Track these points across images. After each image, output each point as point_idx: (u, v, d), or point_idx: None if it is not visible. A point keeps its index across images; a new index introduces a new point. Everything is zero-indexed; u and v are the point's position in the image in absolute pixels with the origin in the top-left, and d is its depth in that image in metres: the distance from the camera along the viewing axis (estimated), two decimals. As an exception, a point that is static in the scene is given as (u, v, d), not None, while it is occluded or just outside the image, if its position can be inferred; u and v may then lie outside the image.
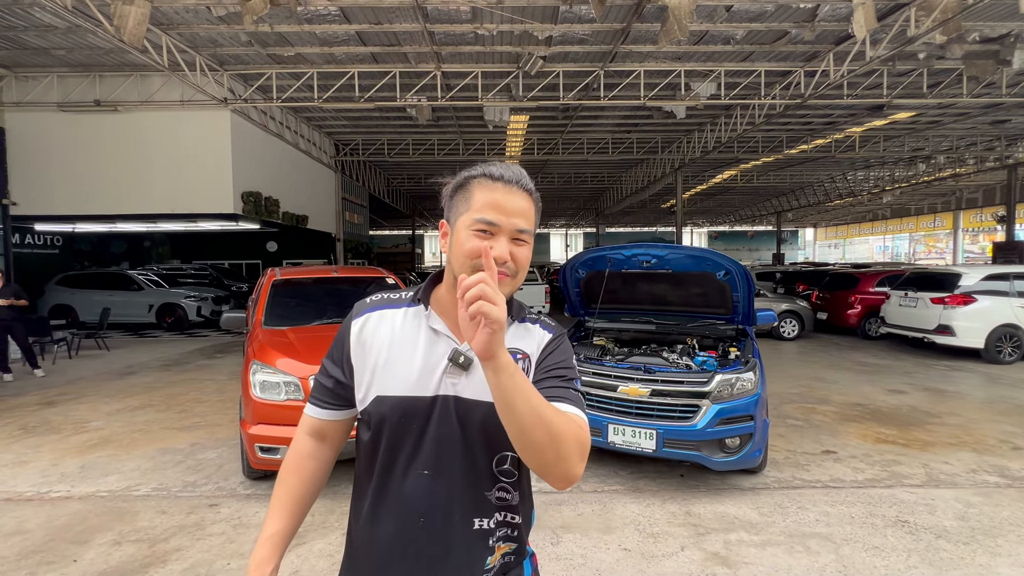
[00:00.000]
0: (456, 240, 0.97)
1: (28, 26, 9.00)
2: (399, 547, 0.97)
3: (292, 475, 1.07)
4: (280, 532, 1.03)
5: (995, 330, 8.46)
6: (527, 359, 1.01)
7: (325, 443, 1.10)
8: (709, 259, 4.45)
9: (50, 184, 11.36)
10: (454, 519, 0.96)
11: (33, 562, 3.00)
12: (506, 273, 0.94)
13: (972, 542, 3.15)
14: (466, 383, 0.97)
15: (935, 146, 19.61)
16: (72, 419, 5.77)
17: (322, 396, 1.07)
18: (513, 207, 0.96)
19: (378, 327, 1.03)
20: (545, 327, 1.07)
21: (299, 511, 1.06)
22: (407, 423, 0.97)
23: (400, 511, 0.96)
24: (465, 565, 0.97)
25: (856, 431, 5.18)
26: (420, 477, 0.96)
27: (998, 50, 10.09)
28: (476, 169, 0.99)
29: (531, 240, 1.00)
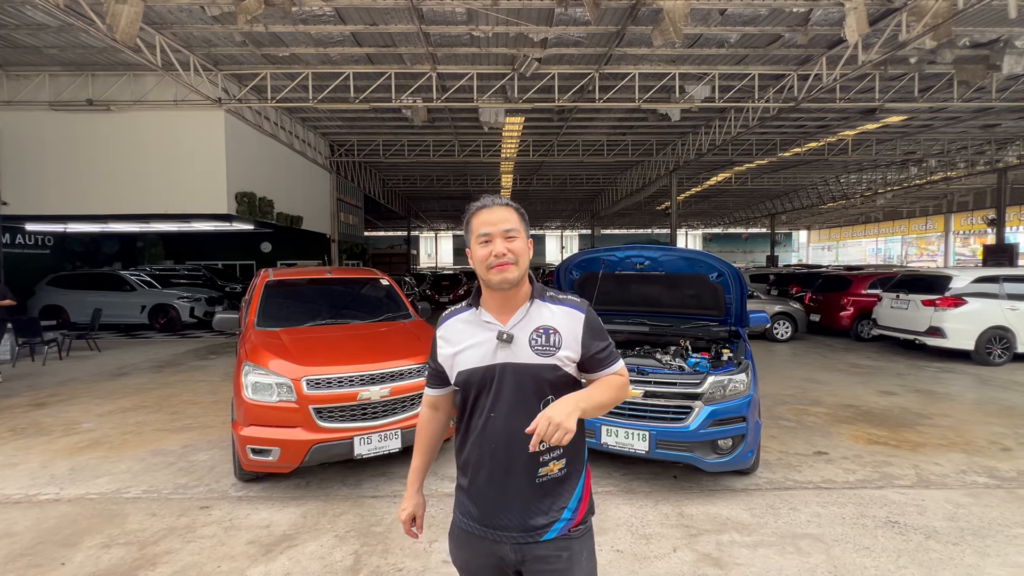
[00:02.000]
0: (473, 255, 1.43)
1: (20, 24, 8.93)
2: (482, 463, 1.43)
3: (423, 432, 1.64)
4: (421, 465, 1.63)
5: (985, 332, 8.53)
6: (557, 333, 1.42)
7: (438, 411, 1.63)
8: (702, 261, 4.47)
9: (41, 184, 11.26)
10: (514, 445, 1.38)
11: (21, 565, 2.97)
12: (509, 262, 1.37)
13: (961, 542, 3.17)
14: (514, 352, 1.40)
15: (927, 150, 19.79)
16: (62, 421, 5.72)
17: (430, 381, 1.59)
18: (496, 218, 1.40)
19: (452, 328, 1.51)
20: (571, 305, 1.47)
21: (430, 452, 1.64)
22: (479, 384, 1.42)
23: (479, 441, 1.44)
24: (524, 475, 1.41)
25: (848, 432, 5.21)
26: (489, 418, 1.41)
27: (988, 55, 10.20)
28: (469, 208, 1.45)
29: (521, 235, 1.41)
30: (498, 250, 1.36)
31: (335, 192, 18.85)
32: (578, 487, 1.46)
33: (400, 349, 4.25)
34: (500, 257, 1.36)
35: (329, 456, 3.76)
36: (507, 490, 1.41)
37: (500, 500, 1.41)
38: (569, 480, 1.44)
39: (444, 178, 24.42)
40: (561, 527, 1.41)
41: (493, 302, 1.44)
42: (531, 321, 1.42)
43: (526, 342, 1.40)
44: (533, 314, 1.43)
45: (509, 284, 1.38)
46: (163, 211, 11.48)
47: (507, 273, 1.37)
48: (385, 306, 5.33)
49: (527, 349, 1.39)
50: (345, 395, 3.78)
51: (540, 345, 1.39)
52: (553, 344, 1.40)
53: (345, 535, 3.29)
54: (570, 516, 1.43)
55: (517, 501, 1.40)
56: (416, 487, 1.60)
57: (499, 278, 1.37)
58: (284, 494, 3.88)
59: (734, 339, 4.54)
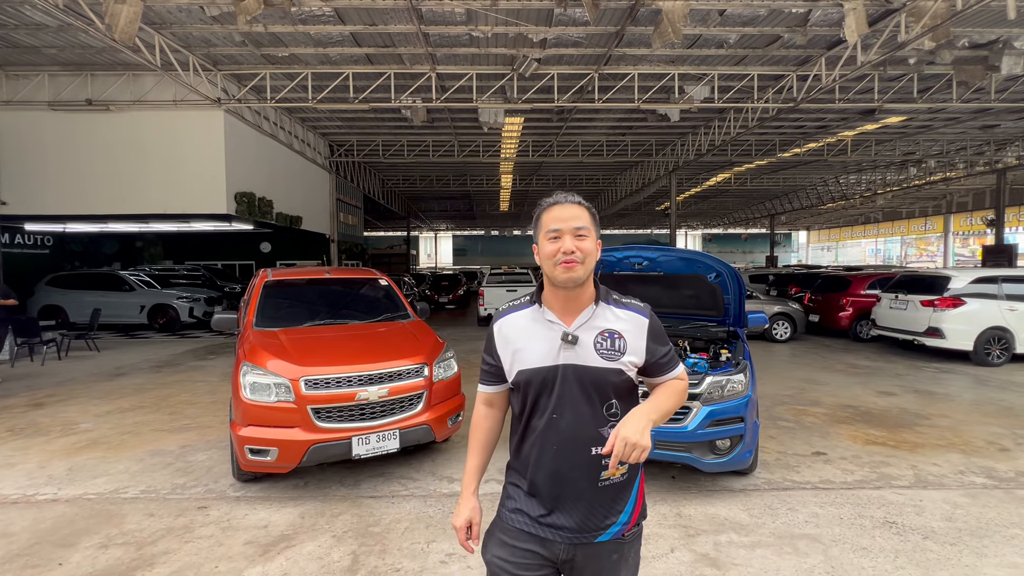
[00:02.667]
0: (540, 251, 1.42)
1: (19, 24, 8.93)
2: (542, 464, 1.41)
3: (477, 430, 1.59)
4: (476, 466, 1.56)
5: (984, 332, 8.53)
6: (622, 338, 1.41)
7: (494, 408, 1.59)
8: (700, 261, 4.47)
9: (41, 184, 11.26)
10: (577, 447, 1.39)
11: (18, 565, 2.97)
12: (576, 260, 1.35)
13: (959, 543, 3.17)
14: (578, 354, 1.39)
15: (926, 150, 19.80)
16: (61, 421, 5.71)
17: (486, 378, 1.56)
18: (569, 214, 1.38)
19: (511, 325, 1.48)
20: (636, 310, 1.47)
21: (486, 451, 1.58)
22: (540, 384, 1.40)
23: (539, 443, 1.42)
24: (586, 478, 1.40)
25: (846, 433, 5.21)
26: (551, 419, 1.40)
27: (987, 56, 10.20)
28: (541, 203, 1.44)
29: (591, 235, 1.40)
30: (567, 247, 1.35)
31: (334, 192, 18.85)
32: (634, 491, 1.47)
33: (398, 349, 4.25)
34: (568, 255, 1.34)
35: (327, 456, 3.76)
36: (567, 491, 1.40)
37: (560, 500, 1.41)
38: (628, 484, 1.45)
39: (444, 178, 24.42)
40: (617, 530, 1.43)
41: (556, 301, 1.43)
42: (596, 324, 1.42)
43: (591, 345, 1.39)
44: (598, 317, 1.42)
45: (574, 283, 1.37)
46: (162, 211, 11.48)
47: (573, 272, 1.35)
48: (384, 306, 5.33)
49: (592, 352, 1.39)
50: (343, 395, 3.78)
51: (606, 349, 1.39)
52: (618, 348, 1.40)
53: (343, 535, 3.29)
54: (626, 519, 1.44)
55: (577, 503, 1.40)
56: (472, 489, 1.54)
57: (565, 276, 1.35)
58: (282, 494, 3.87)
59: (732, 339, 4.54)
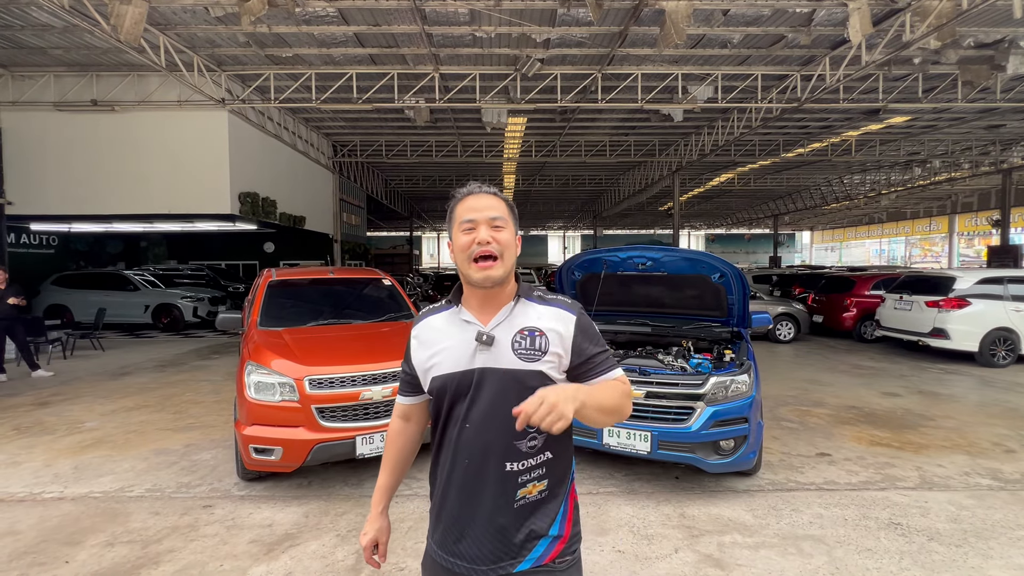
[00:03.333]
0: (454, 245, 1.29)
1: (25, 25, 8.98)
2: (452, 480, 1.28)
3: (391, 446, 1.47)
4: (387, 484, 1.45)
5: (989, 333, 8.49)
6: (543, 336, 1.26)
7: (411, 422, 1.47)
8: (704, 261, 4.46)
9: (46, 184, 11.32)
10: (489, 461, 1.25)
11: (25, 563, 2.99)
12: (492, 252, 1.22)
13: (964, 544, 3.16)
14: (496, 356, 1.25)
15: (931, 150, 19.72)
16: (66, 420, 5.74)
17: (403, 388, 1.44)
18: (483, 204, 1.26)
19: (427, 328, 1.36)
20: (560, 306, 1.32)
21: (399, 469, 1.47)
22: (455, 391, 1.27)
23: (451, 455, 1.28)
24: (500, 496, 1.25)
25: (851, 434, 5.20)
26: (464, 430, 1.26)
27: (992, 55, 10.15)
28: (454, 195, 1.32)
29: (508, 226, 1.27)
30: (482, 237, 1.21)
31: (338, 192, 18.90)
32: (560, 510, 1.30)
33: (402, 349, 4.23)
34: (483, 245, 1.21)
35: (331, 456, 3.77)
36: (479, 513, 1.25)
37: (471, 524, 1.25)
38: (550, 503, 1.29)
39: (447, 178, 24.44)
40: (538, 555, 1.26)
41: (474, 300, 1.30)
42: (515, 322, 1.27)
43: (508, 345, 1.25)
44: (518, 314, 1.28)
45: (491, 281, 1.23)
46: (167, 211, 11.52)
47: (491, 271, 1.22)
48: (387, 306, 5.34)
49: (509, 353, 1.24)
50: (347, 395, 3.79)
51: (524, 348, 1.24)
52: (539, 348, 1.25)
53: (347, 535, 3.30)
54: (549, 544, 1.27)
55: (490, 526, 1.24)
56: (380, 508, 1.43)
57: (481, 275, 1.22)
58: (286, 493, 3.89)
59: (736, 340, 4.54)
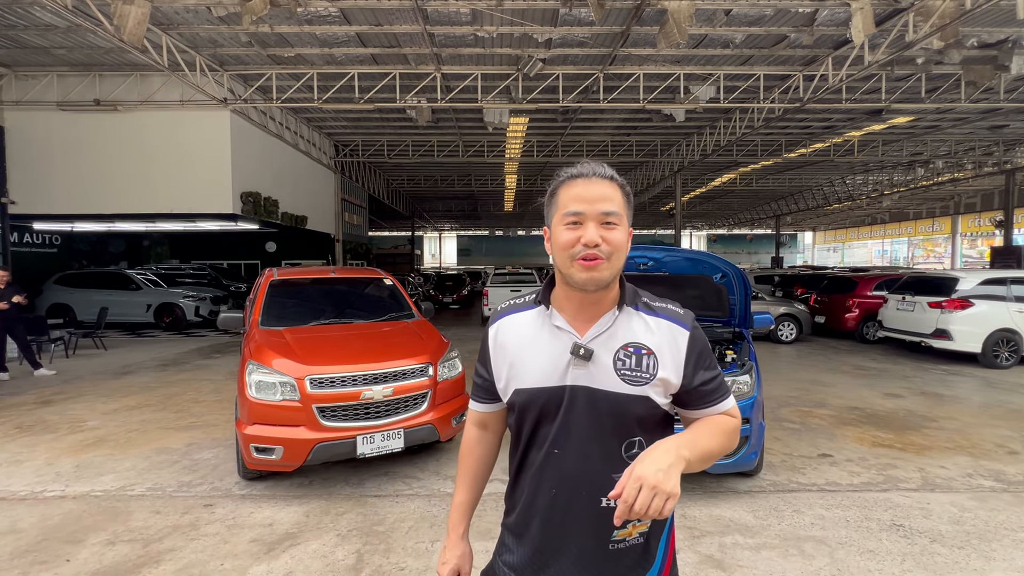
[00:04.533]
0: (554, 238, 1.07)
1: (28, 25, 9.01)
2: (535, 510, 1.10)
3: (467, 457, 1.29)
4: (465, 502, 1.27)
5: (992, 334, 8.46)
6: (651, 355, 1.07)
7: (488, 430, 1.29)
8: (706, 262, 4.45)
9: (49, 183, 11.35)
10: (581, 494, 1.07)
11: (26, 561, 2.99)
12: (601, 256, 1.02)
13: (967, 546, 3.15)
14: (594, 374, 1.06)
15: (933, 151, 19.67)
16: (68, 418, 5.76)
17: (478, 393, 1.25)
18: (595, 194, 1.03)
19: (510, 329, 1.16)
20: (673, 318, 1.13)
21: (478, 484, 1.29)
22: (541, 409, 1.09)
23: (536, 482, 1.10)
24: (592, 536, 1.07)
25: (853, 435, 5.18)
26: (551, 455, 1.08)
27: (996, 55, 10.12)
28: (560, 174, 1.09)
29: (622, 222, 1.05)
30: (590, 238, 1.00)
31: (339, 192, 18.91)
32: (660, 553, 1.13)
33: (403, 349, 4.26)
34: (591, 247, 1.01)
35: (332, 455, 3.77)
36: (568, 549, 1.08)
37: (557, 559, 1.08)
38: (651, 547, 1.11)
39: (448, 178, 24.46)
40: None
41: (569, 303, 1.10)
42: (618, 334, 1.08)
43: (610, 363, 1.06)
44: (621, 325, 1.09)
45: (596, 286, 1.04)
46: (169, 211, 11.55)
47: (597, 272, 1.02)
48: (388, 306, 5.34)
49: (611, 372, 1.05)
50: (348, 394, 3.79)
51: (628, 368, 1.06)
52: (646, 369, 1.06)
53: (347, 534, 3.30)
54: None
55: (579, 565, 1.07)
56: (460, 532, 1.24)
57: (585, 276, 1.02)
58: (287, 493, 3.89)
59: (738, 340, 4.53)
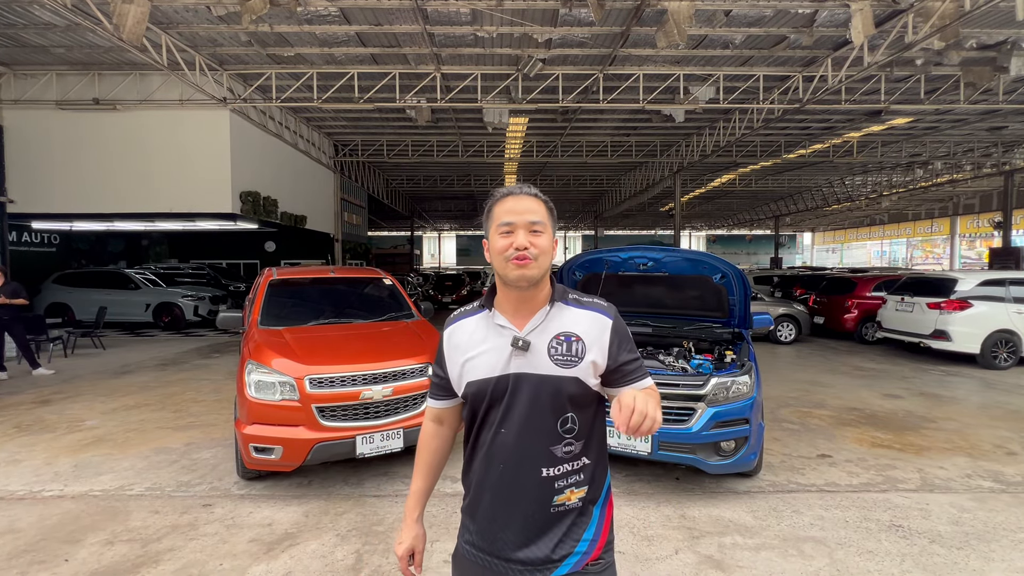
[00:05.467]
0: (492, 245, 1.27)
1: (27, 24, 8.99)
2: (486, 486, 1.29)
3: (424, 450, 1.46)
4: (421, 490, 1.44)
5: (991, 335, 8.47)
6: (580, 341, 1.27)
7: (443, 425, 1.46)
8: (705, 262, 4.46)
9: (48, 182, 11.33)
10: (525, 467, 1.25)
11: (24, 561, 2.99)
12: (528, 257, 1.21)
13: (966, 547, 3.15)
14: (532, 361, 1.25)
15: (932, 152, 19.69)
16: (67, 418, 5.75)
17: (435, 392, 1.42)
18: (523, 208, 1.24)
19: (460, 332, 1.34)
20: (597, 309, 1.32)
21: (433, 474, 1.46)
22: (490, 396, 1.27)
23: (486, 460, 1.29)
24: (535, 502, 1.26)
25: (852, 435, 5.19)
26: (499, 435, 1.26)
27: (995, 57, 10.14)
28: (493, 194, 1.30)
29: (547, 230, 1.26)
30: (520, 243, 1.21)
31: (339, 192, 18.90)
32: (595, 517, 1.31)
33: (402, 348, 4.26)
34: (521, 250, 1.21)
35: (331, 455, 3.76)
36: (514, 517, 1.26)
37: (507, 527, 1.26)
38: (587, 510, 1.30)
39: (448, 178, 24.45)
40: (576, 560, 1.27)
41: (508, 303, 1.29)
42: (551, 326, 1.27)
43: (545, 350, 1.25)
44: (553, 318, 1.28)
45: (528, 282, 1.22)
46: (168, 210, 11.53)
47: (527, 269, 1.21)
48: (388, 306, 5.34)
49: (546, 358, 1.24)
50: (347, 394, 3.79)
51: (561, 354, 1.25)
52: (576, 354, 1.25)
53: (347, 534, 3.29)
54: (586, 549, 1.28)
55: (525, 530, 1.25)
56: (415, 516, 1.41)
57: (517, 273, 1.21)
58: (286, 493, 3.88)
59: (737, 341, 4.53)
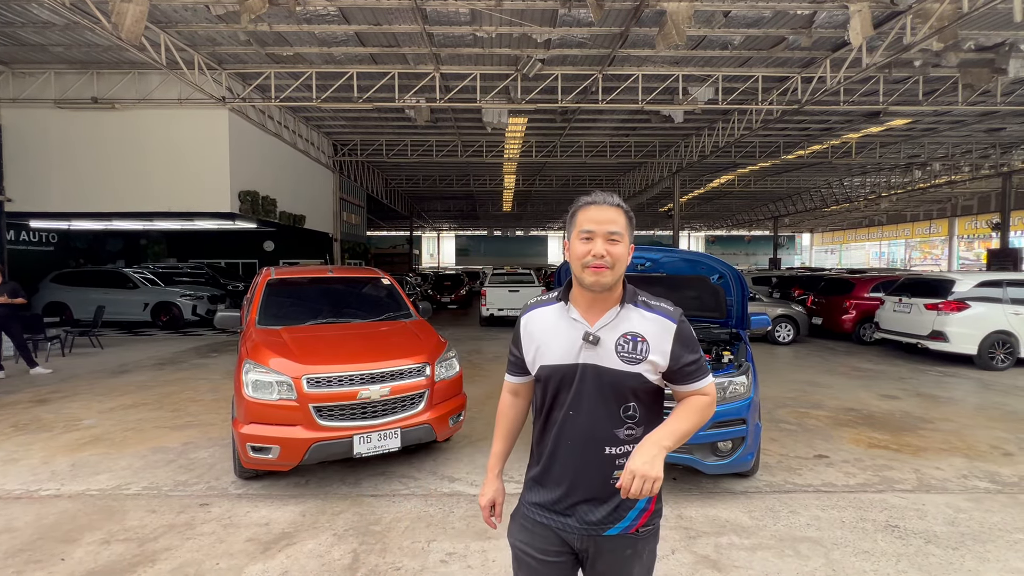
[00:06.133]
0: (572, 249, 1.42)
1: (26, 22, 8.98)
2: (556, 456, 1.47)
3: (503, 417, 1.67)
4: (501, 451, 1.65)
5: (988, 336, 8.48)
6: (645, 342, 1.41)
7: (519, 397, 1.66)
8: (703, 263, 4.46)
9: (46, 181, 11.32)
10: (591, 445, 1.43)
11: (21, 560, 2.98)
12: (605, 266, 1.36)
13: (961, 547, 3.16)
14: (599, 355, 1.40)
15: (931, 153, 19.72)
16: (64, 417, 5.74)
17: (512, 369, 1.62)
18: (604, 217, 1.38)
19: (536, 320, 1.52)
20: (663, 313, 1.45)
21: (511, 438, 1.66)
22: (560, 380, 1.44)
23: (555, 436, 1.46)
24: (598, 476, 1.43)
25: (849, 436, 5.19)
26: (568, 416, 1.43)
27: (993, 58, 10.16)
28: (578, 200, 1.43)
29: (624, 240, 1.40)
30: (597, 251, 1.35)
31: (338, 191, 18.89)
32: None
33: (401, 348, 4.26)
34: (598, 258, 1.35)
35: (328, 455, 3.76)
36: (579, 486, 1.44)
37: (572, 494, 1.45)
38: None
39: (447, 178, 24.45)
40: (626, 526, 1.45)
41: (583, 300, 1.44)
42: (620, 325, 1.41)
43: (612, 347, 1.40)
44: (622, 318, 1.42)
45: (601, 287, 1.38)
46: (166, 209, 11.52)
47: (601, 276, 1.36)
48: (386, 305, 5.34)
49: (613, 354, 1.39)
50: (345, 394, 3.79)
51: (626, 352, 1.40)
52: (640, 352, 1.40)
53: (344, 534, 3.29)
54: (636, 516, 1.46)
55: (588, 498, 1.44)
56: (496, 472, 1.64)
57: (592, 279, 1.37)
58: (283, 492, 3.88)
59: (735, 341, 4.54)
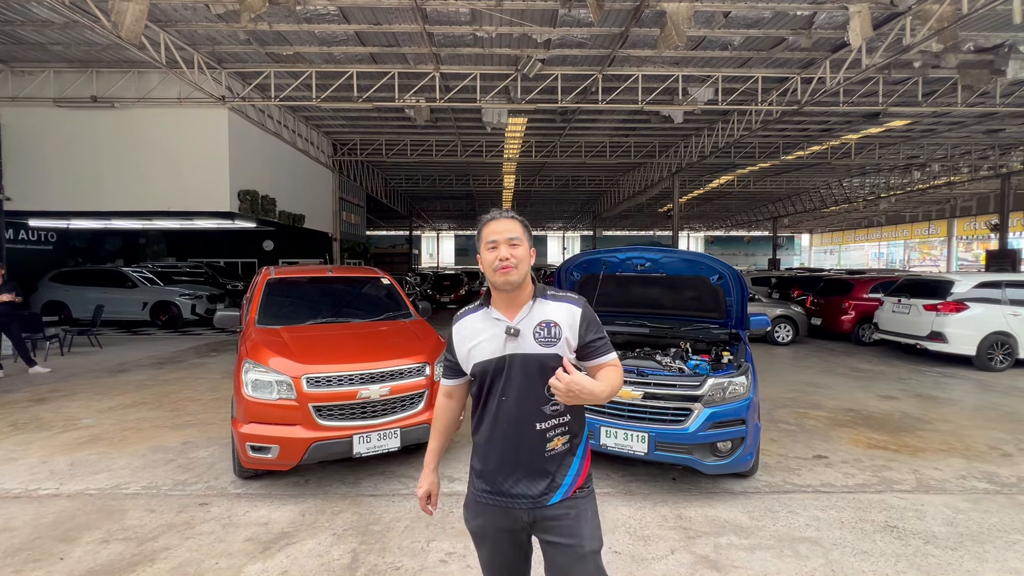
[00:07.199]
0: (482, 259, 1.66)
1: (25, 21, 8.96)
2: (494, 440, 1.66)
3: (438, 419, 1.86)
4: (437, 448, 1.85)
5: (987, 337, 8.50)
6: (557, 326, 1.64)
7: (453, 399, 1.85)
8: (703, 263, 4.46)
9: (45, 180, 11.29)
10: (523, 423, 1.63)
11: (19, 560, 2.98)
12: (511, 265, 1.59)
13: (960, 548, 3.17)
14: (521, 344, 1.62)
15: (930, 154, 19.74)
16: (63, 416, 5.73)
17: (447, 373, 1.81)
18: (503, 228, 1.64)
19: (467, 324, 1.72)
20: (569, 301, 1.70)
21: (446, 437, 1.86)
22: (492, 373, 1.64)
23: (493, 422, 1.66)
24: (533, 450, 1.63)
25: (848, 436, 5.20)
26: (501, 402, 1.64)
27: (992, 60, 10.17)
28: (481, 219, 1.68)
29: (524, 243, 1.65)
30: (502, 255, 1.59)
31: (337, 191, 18.87)
32: (577, 457, 1.70)
33: (400, 348, 4.26)
34: (504, 261, 1.58)
35: (328, 454, 3.76)
36: (519, 463, 1.63)
37: (512, 472, 1.63)
38: (571, 452, 1.68)
39: (447, 178, 24.43)
40: (564, 491, 1.65)
41: (501, 301, 1.67)
42: (534, 316, 1.64)
43: (531, 335, 1.62)
44: (536, 310, 1.65)
45: (511, 285, 1.60)
46: (166, 208, 11.50)
47: (509, 275, 1.59)
48: (386, 305, 5.33)
49: (532, 341, 1.62)
50: (345, 393, 3.79)
51: (543, 337, 1.62)
52: (554, 335, 1.63)
53: (343, 533, 3.29)
54: (571, 481, 1.66)
55: (527, 472, 1.63)
56: (432, 467, 1.82)
57: (502, 279, 1.59)
58: (283, 492, 3.88)
59: (734, 342, 4.54)
